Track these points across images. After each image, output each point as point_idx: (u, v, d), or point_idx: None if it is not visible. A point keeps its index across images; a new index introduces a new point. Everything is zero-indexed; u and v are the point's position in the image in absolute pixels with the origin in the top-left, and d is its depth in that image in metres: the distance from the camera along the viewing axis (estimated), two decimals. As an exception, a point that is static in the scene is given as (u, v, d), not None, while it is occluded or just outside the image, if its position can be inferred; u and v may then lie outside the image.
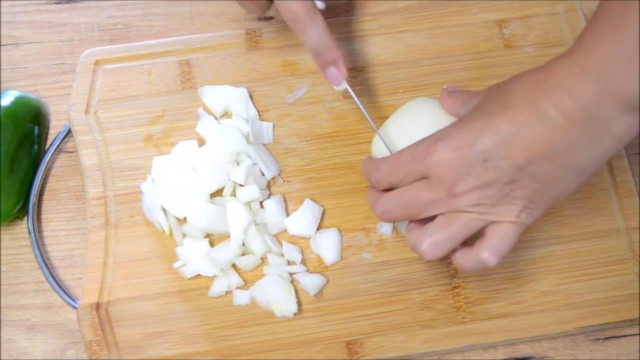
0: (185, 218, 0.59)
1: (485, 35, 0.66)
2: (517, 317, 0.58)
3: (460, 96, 0.54)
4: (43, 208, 0.63)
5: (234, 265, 0.59)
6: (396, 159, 0.51)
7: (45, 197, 0.63)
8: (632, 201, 0.62)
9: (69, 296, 0.60)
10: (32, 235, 0.61)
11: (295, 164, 0.62)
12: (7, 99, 0.63)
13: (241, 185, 0.60)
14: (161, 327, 0.58)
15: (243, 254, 0.59)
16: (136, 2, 0.69)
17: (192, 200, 0.58)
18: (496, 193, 0.47)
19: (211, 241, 0.60)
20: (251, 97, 0.64)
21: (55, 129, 0.65)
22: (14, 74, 0.67)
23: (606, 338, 0.60)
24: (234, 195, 0.60)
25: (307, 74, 0.65)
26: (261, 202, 0.60)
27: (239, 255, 0.58)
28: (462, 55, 0.65)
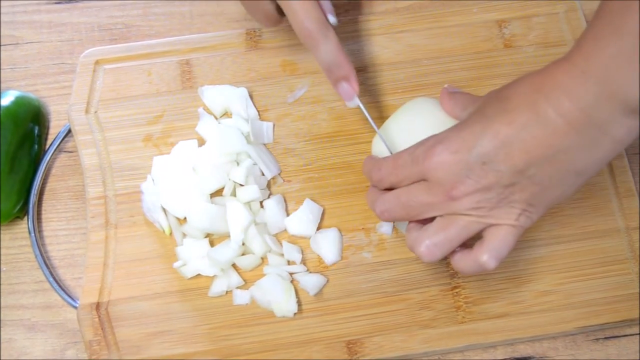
0: (185, 218, 0.59)
1: (485, 35, 0.66)
2: (516, 317, 0.58)
3: (460, 99, 0.54)
4: (43, 208, 0.63)
5: (234, 265, 0.59)
6: (396, 160, 0.51)
7: (46, 196, 0.63)
8: (632, 201, 0.62)
9: (69, 296, 0.60)
10: (32, 235, 0.61)
11: (295, 163, 0.62)
12: (7, 99, 0.63)
13: (241, 185, 0.60)
14: (161, 326, 0.58)
15: (243, 254, 0.59)
16: (136, 2, 0.69)
17: (192, 200, 0.58)
18: (495, 196, 0.47)
19: (211, 241, 0.60)
20: (251, 97, 0.64)
21: (55, 129, 0.65)
22: (14, 74, 0.67)
23: (606, 338, 0.60)
24: (234, 195, 0.60)
25: (307, 74, 0.65)
26: (261, 202, 0.60)
27: (239, 255, 0.58)
28: (462, 55, 0.65)
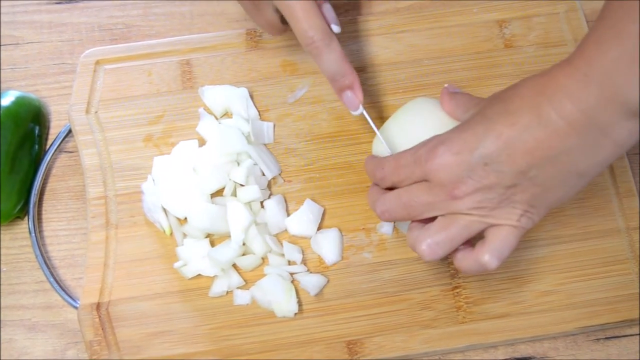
0: (185, 218, 0.59)
1: (486, 35, 0.66)
2: (517, 317, 0.58)
3: (461, 100, 0.54)
4: (43, 208, 0.63)
5: (234, 265, 0.59)
6: (398, 160, 0.51)
7: (46, 197, 0.63)
8: (632, 201, 0.62)
9: (70, 296, 0.60)
10: (33, 235, 0.61)
11: (295, 164, 0.62)
12: (8, 99, 0.63)
13: (242, 185, 0.60)
14: (162, 327, 0.58)
15: (244, 254, 0.59)
16: (137, 2, 0.69)
17: (192, 200, 0.58)
18: (497, 196, 0.47)
19: (212, 241, 0.60)
20: (252, 97, 0.64)
21: (55, 129, 0.65)
22: (15, 74, 0.67)
23: (607, 338, 0.60)
24: (235, 195, 0.60)
25: (307, 74, 0.65)
26: (262, 202, 0.60)
27: (239, 255, 0.58)
28: (463, 55, 0.65)
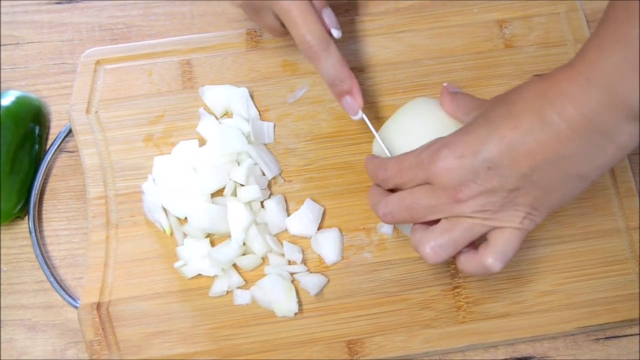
0: (186, 218, 0.59)
1: (486, 35, 0.66)
2: (517, 317, 0.58)
3: (462, 101, 0.54)
4: (44, 208, 0.63)
5: (234, 265, 0.59)
6: (401, 162, 0.51)
7: (46, 196, 0.63)
8: (632, 201, 0.62)
9: (70, 296, 0.60)
10: (33, 234, 0.61)
11: (295, 163, 0.62)
12: (8, 99, 0.63)
13: (242, 185, 0.60)
14: (162, 326, 0.58)
15: (244, 254, 0.59)
16: (137, 2, 0.69)
17: (192, 200, 0.58)
18: (500, 199, 0.47)
19: (212, 241, 0.60)
20: (252, 97, 0.64)
21: (56, 129, 0.65)
22: (15, 74, 0.67)
23: (606, 338, 0.60)
24: (235, 195, 0.60)
25: (307, 74, 0.65)
26: (262, 202, 0.60)
27: (239, 255, 0.58)
28: (463, 55, 0.65)
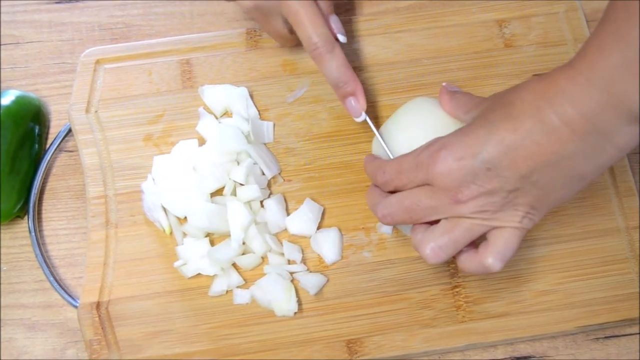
0: (185, 217, 0.59)
1: (485, 35, 0.66)
2: (517, 316, 0.58)
3: (461, 100, 0.54)
4: (43, 207, 0.63)
5: (234, 265, 0.59)
6: (400, 164, 0.51)
7: (46, 196, 0.63)
8: (632, 200, 0.62)
9: (70, 295, 0.60)
10: (33, 234, 0.61)
11: (295, 163, 0.62)
12: (8, 98, 0.63)
13: (241, 184, 0.60)
14: (161, 326, 0.58)
15: (243, 253, 0.59)
16: (137, 2, 0.69)
17: (192, 200, 0.58)
18: (499, 200, 0.47)
19: (211, 240, 0.60)
20: (251, 96, 0.64)
21: (55, 128, 0.65)
22: (15, 73, 0.67)
23: (606, 337, 0.60)
24: (235, 195, 0.60)
25: (307, 74, 0.65)
26: (261, 202, 0.60)
27: (239, 255, 0.59)
28: (462, 55, 0.65)
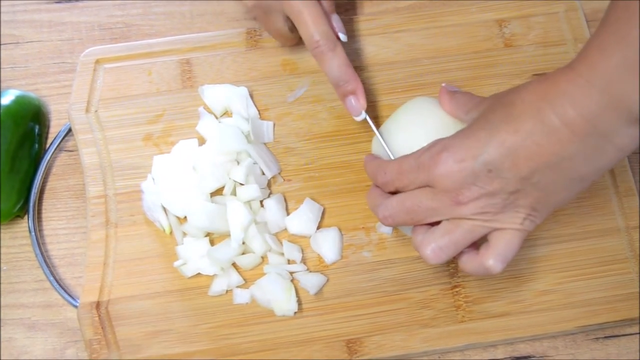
0: (185, 217, 0.59)
1: (485, 34, 0.66)
2: (516, 316, 0.58)
3: (461, 100, 0.54)
4: (43, 207, 0.63)
5: (234, 264, 0.59)
6: (401, 165, 0.51)
7: (46, 196, 0.63)
8: (632, 200, 0.62)
9: (70, 295, 0.60)
10: (33, 234, 0.61)
11: (295, 163, 0.62)
12: (8, 98, 0.63)
13: (241, 184, 0.60)
14: (161, 326, 0.58)
15: (243, 253, 0.59)
16: (136, 2, 0.69)
17: (192, 199, 0.58)
18: (500, 201, 0.47)
19: (211, 240, 0.60)
20: (251, 96, 0.64)
21: (55, 128, 0.65)
22: (15, 73, 0.67)
23: (606, 337, 0.60)
24: (234, 194, 0.60)
25: (307, 73, 0.65)
26: (261, 201, 0.60)
27: (239, 254, 0.59)
28: (461, 55, 0.65)
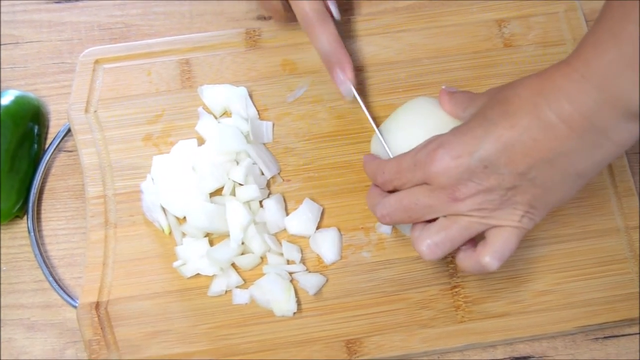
0: (184, 217, 0.59)
1: (485, 34, 0.66)
2: (516, 316, 0.58)
3: (460, 98, 0.54)
4: (43, 207, 0.63)
5: (233, 265, 0.59)
6: (399, 164, 0.51)
7: (45, 196, 0.63)
8: (631, 200, 0.62)
9: (69, 295, 0.60)
10: (32, 234, 0.61)
11: (294, 163, 0.62)
12: (7, 98, 0.63)
13: (241, 184, 0.60)
14: (161, 326, 0.58)
15: (242, 253, 0.59)
16: (136, 2, 0.69)
17: (191, 200, 0.58)
18: (497, 198, 0.47)
19: (211, 240, 0.60)
20: (251, 96, 0.64)
21: (55, 128, 0.65)
22: (14, 73, 0.67)
23: (605, 337, 0.60)
24: (234, 195, 0.60)
25: (306, 73, 0.65)
26: (261, 202, 0.60)
27: (238, 255, 0.58)
28: (462, 55, 0.65)
